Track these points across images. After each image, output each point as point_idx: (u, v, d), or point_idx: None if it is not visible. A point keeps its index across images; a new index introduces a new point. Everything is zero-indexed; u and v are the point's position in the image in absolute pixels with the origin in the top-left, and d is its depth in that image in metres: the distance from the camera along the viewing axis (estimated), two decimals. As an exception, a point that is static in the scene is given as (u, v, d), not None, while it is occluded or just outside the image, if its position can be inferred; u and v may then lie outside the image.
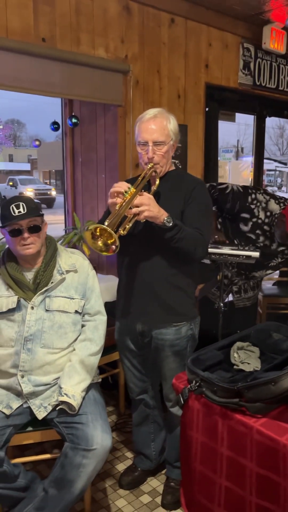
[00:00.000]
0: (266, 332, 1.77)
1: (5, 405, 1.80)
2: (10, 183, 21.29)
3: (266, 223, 3.06)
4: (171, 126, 1.89)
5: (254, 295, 3.22)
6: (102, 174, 3.08)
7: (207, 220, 1.95)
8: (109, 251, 1.61)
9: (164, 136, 1.86)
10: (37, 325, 1.83)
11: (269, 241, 3.07)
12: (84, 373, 1.84)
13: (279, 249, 3.09)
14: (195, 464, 1.54)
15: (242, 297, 3.13)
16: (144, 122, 1.88)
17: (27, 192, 18.45)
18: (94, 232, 1.59)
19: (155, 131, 1.85)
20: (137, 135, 1.91)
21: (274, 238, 3.08)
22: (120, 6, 2.76)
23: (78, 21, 2.57)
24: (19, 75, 2.37)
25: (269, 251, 3.06)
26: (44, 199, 18.04)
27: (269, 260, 3.07)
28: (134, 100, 2.91)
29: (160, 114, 1.88)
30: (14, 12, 2.30)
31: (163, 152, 1.87)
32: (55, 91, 2.56)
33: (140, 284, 1.94)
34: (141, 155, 1.91)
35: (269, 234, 3.07)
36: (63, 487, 1.72)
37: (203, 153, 3.49)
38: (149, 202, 1.68)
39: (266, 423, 1.34)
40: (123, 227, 1.64)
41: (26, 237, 1.78)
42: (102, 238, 1.60)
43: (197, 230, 1.83)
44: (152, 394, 2.21)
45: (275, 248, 3.09)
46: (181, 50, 3.17)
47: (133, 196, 1.67)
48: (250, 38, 3.62)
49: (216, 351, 1.68)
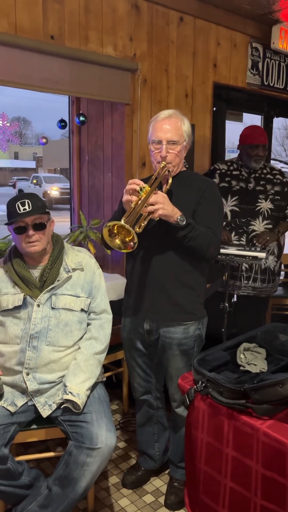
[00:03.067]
0: (273, 333, 1.76)
1: (10, 403, 1.80)
2: (34, 180, 20.01)
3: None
4: (185, 127, 1.92)
5: (263, 288, 3.14)
6: (108, 173, 3.07)
7: (219, 220, 1.97)
8: (127, 248, 1.62)
9: (178, 136, 1.88)
10: (43, 323, 1.82)
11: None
12: (89, 372, 1.83)
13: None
14: (200, 465, 1.54)
15: (248, 285, 3.09)
16: (159, 122, 1.90)
17: (52, 191, 17.48)
18: (112, 229, 1.61)
19: (169, 130, 1.87)
20: (151, 134, 1.93)
21: None
22: (129, 4, 2.75)
23: (87, 18, 2.56)
24: (28, 72, 2.36)
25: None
26: (69, 198, 17.62)
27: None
28: (141, 98, 2.91)
29: (174, 115, 1.91)
30: (23, 9, 2.30)
31: (177, 151, 1.89)
32: (63, 89, 2.55)
33: (150, 281, 1.94)
34: (153, 154, 1.92)
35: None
36: (67, 486, 1.72)
37: (210, 152, 3.48)
38: (164, 200, 1.70)
39: (273, 425, 1.33)
40: (138, 225, 1.65)
41: (31, 235, 1.78)
42: (119, 235, 1.62)
43: (210, 229, 1.85)
44: (156, 395, 2.20)
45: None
46: (190, 49, 3.16)
47: (148, 194, 1.69)
48: (259, 38, 3.60)
49: (223, 352, 1.68)
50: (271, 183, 3.03)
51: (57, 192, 17.32)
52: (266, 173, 3.06)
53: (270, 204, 3.00)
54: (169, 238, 1.83)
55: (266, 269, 3.09)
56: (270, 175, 3.05)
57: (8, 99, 47.46)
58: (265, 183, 3.02)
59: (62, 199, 15.86)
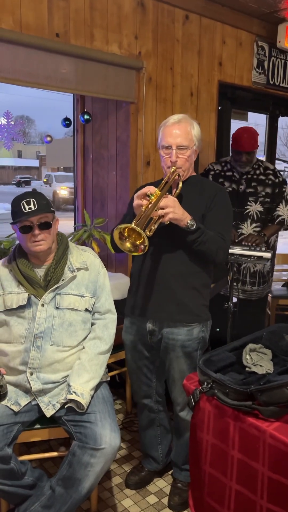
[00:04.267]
0: (279, 334, 1.75)
1: (14, 402, 1.79)
2: (45, 179, 19.19)
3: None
4: (194, 131, 1.91)
5: (253, 291, 3.12)
6: (113, 171, 3.06)
7: (228, 226, 1.97)
8: (138, 251, 1.64)
9: (188, 141, 1.88)
10: (47, 323, 1.81)
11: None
12: (93, 372, 1.82)
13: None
14: (205, 466, 1.53)
15: (237, 287, 3.06)
16: (169, 127, 1.90)
17: (60, 190, 16.61)
18: (122, 232, 1.62)
19: (179, 135, 1.87)
20: (160, 139, 1.93)
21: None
22: (135, 2, 2.74)
23: (92, 16, 2.55)
24: (33, 70, 2.35)
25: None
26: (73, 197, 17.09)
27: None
28: (146, 97, 2.89)
29: (184, 120, 1.91)
30: (28, 6, 2.28)
31: (186, 156, 1.89)
32: (68, 87, 2.54)
33: (156, 281, 1.93)
34: (163, 159, 1.92)
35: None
36: (70, 486, 1.71)
37: (214, 152, 3.47)
38: (174, 204, 1.71)
39: (279, 427, 1.31)
40: (148, 228, 1.65)
41: (36, 234, 1.77)
42: (130, 239, 1.63)
43: (219, 234, 1.86)
44: (157, 398, 2.18)
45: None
46: (195, 47, 3.14)
47: (159, 199, 1.70)
48: (265, 36, 3.58)
49: (228, 353, 1.66)
50: (263, 184, 2.98)
51: (66, 192, 16.36)
52: (259, 173, 3.00)
53: (260, 207, 2.97)
54: (177, 240, 1.83)
55: (256, 272, 3.07)
56: (263, 175, 3.00)
57: (11, 97, 47.53)
58: (257, 185, 2.98)
59: (72, 200, 15.48)
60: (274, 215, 3.00)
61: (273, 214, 3.01)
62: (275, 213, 3.00)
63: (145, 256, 1.97)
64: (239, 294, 3.11)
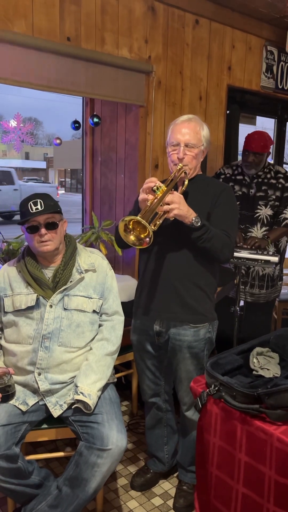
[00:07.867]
0: (286, 338, 1.75)
1: (22, 402, 1.80)
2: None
3: None
4: (204, 132, 1.92)
5: (261, 294, 3.11)
6: (121, 174, 3.08)
7: (234, 224, 1.97)
8: (142, 245, 1.63)
9: (196, 140, 1.89)
10: (55, 324, 1.83)
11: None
12: (100, 373, 1.83)
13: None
14: (212, 469, 1.53)
15: (246, 291, 3.06)
16: (178, 125, 1.91)
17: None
18: (127, 224, 1.61)
19: (187, 133, 1.88)
20: (169, 137, 1.94)
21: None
22: (145, 6, 2.76)
23: (103, 20, 2.57)
24: (44, 73, 2.38)
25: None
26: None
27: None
28: (156, 100, 2.91)
29: (194, 119, 1.92)
30: (40, 11, 2.31)
31: (194, 154, 1.89)
32: (78, 90, 2.56)
33: (162, 281, 1.94)
34: (170, 155, 1.93)
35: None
36: (77, 486, 1.72)
37: (223, 155, 3.47)
38: (180, 200, 1.71)
39: (286, 430, 1.32)
40: (153, 222, 1.65)
41: (43, 234, 1.79)
42: (134, 231, 1.63)
43: (224, 232, 1.85)
44: (165, 397, 2.19)
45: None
46: (205, 51, 3.16)
47: (165, 194, 1.70)
48: (274, 41, 3.59)
49: (235, 356, 1.67)
50: (273, 188, 2.98)
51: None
52: (270, 177, 3.00)
53: (270, 211, 2.97)
54: (183, 238, 1.83)
55: (264, 276, 3.06)
56: (274, 179, 3.00)
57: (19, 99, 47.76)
58: (267, 188, 2.98)
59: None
60: (280, 217, 3.00)
61: (279, 217, 3.01)
62: (282, 216, 3.00)
63: (150, 256, 1.98)
64: (246, 297, 3.11)
